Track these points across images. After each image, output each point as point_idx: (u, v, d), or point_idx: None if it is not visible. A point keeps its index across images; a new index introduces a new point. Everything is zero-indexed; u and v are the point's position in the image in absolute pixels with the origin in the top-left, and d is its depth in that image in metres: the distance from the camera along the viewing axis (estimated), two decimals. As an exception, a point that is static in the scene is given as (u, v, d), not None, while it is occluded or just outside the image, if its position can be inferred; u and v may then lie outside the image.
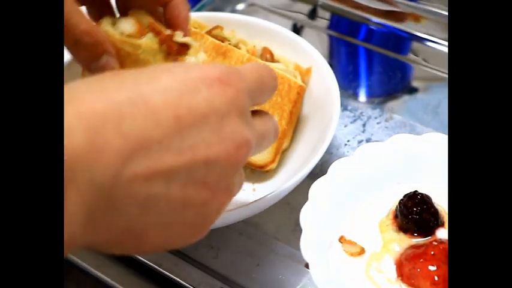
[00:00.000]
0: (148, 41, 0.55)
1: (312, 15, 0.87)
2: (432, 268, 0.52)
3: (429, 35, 0.81)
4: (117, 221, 0.38)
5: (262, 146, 0.46)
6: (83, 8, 0.58)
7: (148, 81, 0.39)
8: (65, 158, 0.34)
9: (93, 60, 0.54)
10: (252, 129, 0.43)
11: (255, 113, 0.45)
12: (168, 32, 0.56)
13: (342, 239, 0.56)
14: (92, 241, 0.38)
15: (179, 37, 0.56)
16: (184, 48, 0.56)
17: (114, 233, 0.39)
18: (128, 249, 0.43)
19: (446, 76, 0.77)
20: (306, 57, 0.70)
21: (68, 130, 0.35)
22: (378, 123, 0.74)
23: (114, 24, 0.56)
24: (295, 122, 0.68)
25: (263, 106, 0.66)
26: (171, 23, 0.58)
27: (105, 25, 0.56)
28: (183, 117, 0.39)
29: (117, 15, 0.59)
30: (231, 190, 0.43)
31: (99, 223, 0.37)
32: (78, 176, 0.35)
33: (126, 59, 0.55)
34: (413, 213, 0.55)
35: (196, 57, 0.55)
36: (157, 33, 0.56)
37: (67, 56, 0.65)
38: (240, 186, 0.45)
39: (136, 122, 0.37)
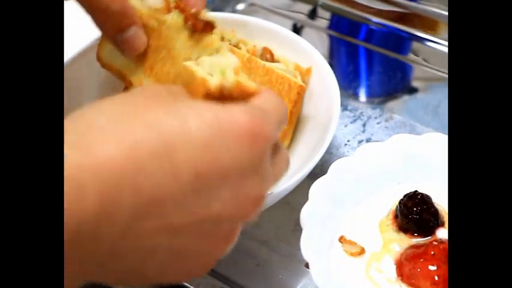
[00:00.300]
0: (174, 16, 0.56)
1: (312, 15, 0.87)
2: (432, 268, 0.52)
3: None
4: (116, 267, 0.37)
5: (278, 180, 0.45)
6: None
7: (177, 128, 0.37)
8: (73, 222, 0.33)
9: (121, 30, 0.53)
10: (268, 180, 0.42)
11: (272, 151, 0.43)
12: (193, 10, 0.57)
13: (342, 239, 0.56)
14: (89, 280, 0.38)
15: (204, 15, 0.56)
16: (208, 27, 0.56)
17: (113, 277, 0.39)
18: (122, 283, 0.42)
19: (446, 76, 0.77)
20: (306, 57, 0.70)
21: (81, 188, 0.34)
22: (378, 123, 0.74)
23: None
24: (295, 122, 0.68)
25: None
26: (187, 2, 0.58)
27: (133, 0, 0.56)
28: (204, 174, 0.37)
29: None
30: (235, 239, 0.42)
31: (96, 271, 0.37)
32: (82, 246, 0.34)
33: (151, 35, 0.56)
34: (414, 213, 0.55)
35: (224, 57, 0.53)
36: (182, 10, 0.56)
37: (67, 56, 0.65)
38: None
39: (154, 179, 0.35)
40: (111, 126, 0.36)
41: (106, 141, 0.35)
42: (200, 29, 0.56)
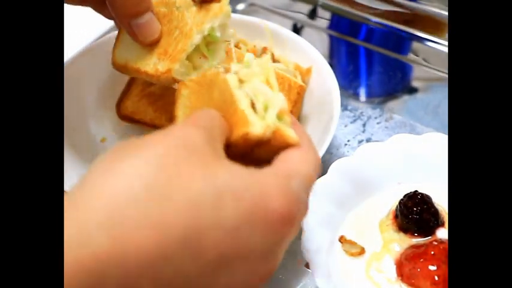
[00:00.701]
0: None
1: (312, 15, 0.87)
2: (432, 268, 0.52)
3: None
4: None
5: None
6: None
7: (211, 211, 0.36)
8: None
9: (136, 15, 0.53)
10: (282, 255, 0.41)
11: None
12: None
13: (342, 239, 0.56)
14: None
15: None
16: None
17: None
18: None
19: (446, 76, 0.77)
20: (306, 57, 0.70)
21: (100, 277, 0.33)
22: (378, 123, 0.74)
23: None
24: (295, 122, 0.68)
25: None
26: None
27: None
28: (225, 256, 0.36)
29: None
30: None
31: None
32: None
33: (162, 21, 0.57)
34: (414, 213, 0.55)
35: (273, 91, 0.48)
36: None
37: (66, 56, 0.65)
38: None
39: (178, 267, 0.35)
40: (140, 205, 0.34)
41: (136, 225, 0.34)
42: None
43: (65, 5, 0.58)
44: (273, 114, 0.43)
